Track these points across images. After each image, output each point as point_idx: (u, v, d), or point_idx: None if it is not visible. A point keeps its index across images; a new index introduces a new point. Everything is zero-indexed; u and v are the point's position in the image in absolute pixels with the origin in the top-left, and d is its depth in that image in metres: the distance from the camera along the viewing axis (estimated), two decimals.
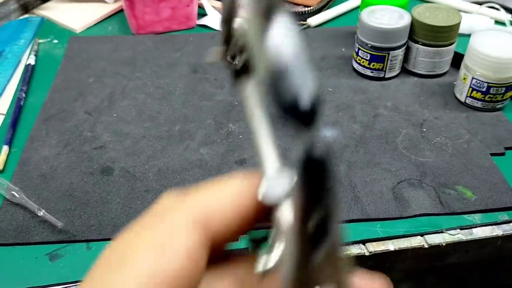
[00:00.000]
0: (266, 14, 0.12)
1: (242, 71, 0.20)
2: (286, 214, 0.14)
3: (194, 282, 0.16)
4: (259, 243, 0.17)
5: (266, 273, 0.15)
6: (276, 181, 0.15)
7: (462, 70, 0.56)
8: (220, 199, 0.17)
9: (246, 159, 0.50)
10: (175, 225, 0.16)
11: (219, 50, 0.19)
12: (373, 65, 0.60)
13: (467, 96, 0.56)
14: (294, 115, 0.11)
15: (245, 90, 0.19)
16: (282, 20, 0.12)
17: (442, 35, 0.58)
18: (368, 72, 0.61)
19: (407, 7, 0.63)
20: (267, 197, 0.15)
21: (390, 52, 0.59)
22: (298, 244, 0.13)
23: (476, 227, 0.44)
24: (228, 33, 0.18)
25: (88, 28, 0.73)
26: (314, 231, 0.12)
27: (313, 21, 0.72)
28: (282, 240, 0.15)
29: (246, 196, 0.17)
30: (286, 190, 0.15)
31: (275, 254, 0.15)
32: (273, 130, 0.17)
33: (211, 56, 0.20)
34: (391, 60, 0.59)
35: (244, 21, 0.16)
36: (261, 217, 0.17)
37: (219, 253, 0.17)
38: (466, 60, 0.56)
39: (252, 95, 0.19)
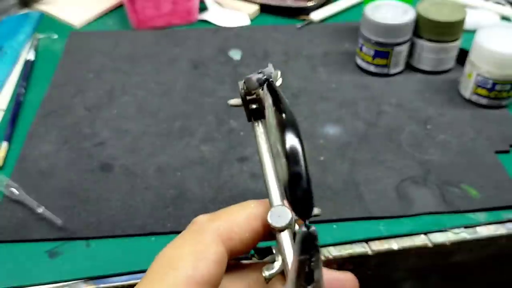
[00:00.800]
0: (282, 126, 0.19)
1: (256, 113, 0.27)
2: (286, 241, 0.22)
3: (218, 284, 0.21)
4: (263, 254, 0.24)
5: (270, 277, 0.21)
6: (279, 213, 0.22)
7: (467, 67, 0.56)
8: (238, 221, 0.23)
9: (247, 157, 0.50)
10: (207, 240, 0.22)
11: (239, 100, 0.28)
12: (377, 61, 0.59)
13: (472, 93, 0.56)
14: (301, 206, 0.18)
15: (257, 129, 0.27)
16: (293, 131, 0.19)
17: (447, 31, 0.57)
18: (371, 68, 0.60)
19: (411, 2, 0.62)
20: (273, 224, 0.22)
21: (394, 47, 0.58)
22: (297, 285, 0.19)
23: (480, 225, 0.43)
24: (245, 98, 0.27)
25: (88, 24, 0.72)
26: (306, 277, 0.19)
27: (316, 16, 0.71)
28: (282, 254, 0.21)
29: (257, 219, 0.23)
30: (286, 223, 0.22)
31: (277, 264, 0.22)
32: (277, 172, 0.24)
33: (233, 101, 0.28)
34: (395, 56, 0.59)
35: (267, 125, 0.23)
36: (266, 235, 0.23)
37: (233, 262, 0.23)
38: (471, 57, 0.55)
39: (262, 136, 0.26)
